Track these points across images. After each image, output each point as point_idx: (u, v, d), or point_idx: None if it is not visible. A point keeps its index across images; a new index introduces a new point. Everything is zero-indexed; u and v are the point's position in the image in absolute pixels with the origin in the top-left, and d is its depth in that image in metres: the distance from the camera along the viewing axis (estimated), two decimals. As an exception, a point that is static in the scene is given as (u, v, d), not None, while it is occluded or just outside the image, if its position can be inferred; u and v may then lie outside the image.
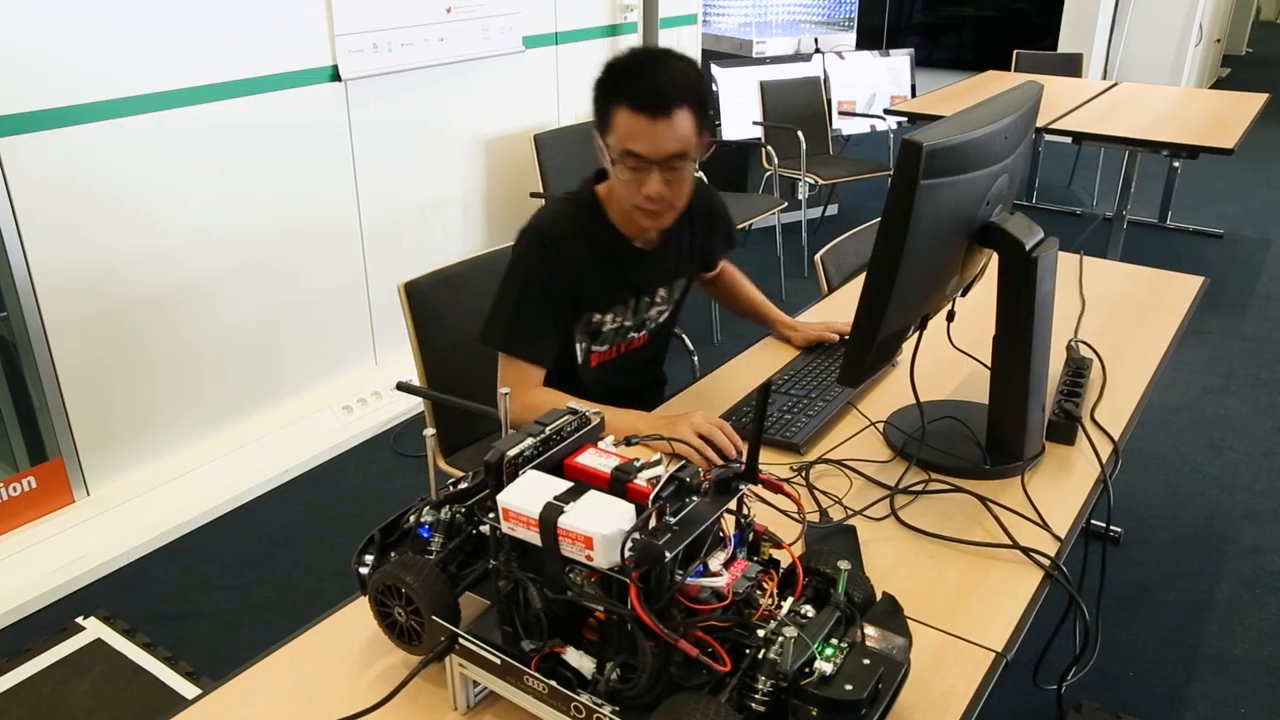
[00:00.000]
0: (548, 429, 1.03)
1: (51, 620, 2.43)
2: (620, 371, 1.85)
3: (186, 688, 2.16)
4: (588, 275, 1.68)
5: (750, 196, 4.60)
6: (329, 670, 1.10)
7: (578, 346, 1.76)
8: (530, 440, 1.01)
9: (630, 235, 1.71)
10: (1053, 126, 4.10)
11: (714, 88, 4.93)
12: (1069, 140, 4.21)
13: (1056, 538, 1.28)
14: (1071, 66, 5.68)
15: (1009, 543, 1.27)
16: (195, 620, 2.44)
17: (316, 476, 3.06)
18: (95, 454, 2.76)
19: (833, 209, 5.55)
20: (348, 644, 1.13)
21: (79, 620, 2.40)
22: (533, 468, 0.99)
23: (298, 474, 3.03)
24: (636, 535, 0.86)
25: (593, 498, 0.92)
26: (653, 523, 0.89)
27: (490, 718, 1.03)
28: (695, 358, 2.46)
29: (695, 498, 0.93)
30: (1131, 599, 2.49)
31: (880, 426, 1.57)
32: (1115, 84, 5.02)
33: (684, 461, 0.95)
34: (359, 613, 1.18)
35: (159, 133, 2.71)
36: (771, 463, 1.47)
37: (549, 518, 0.90)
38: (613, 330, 1.78)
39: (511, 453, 0.99)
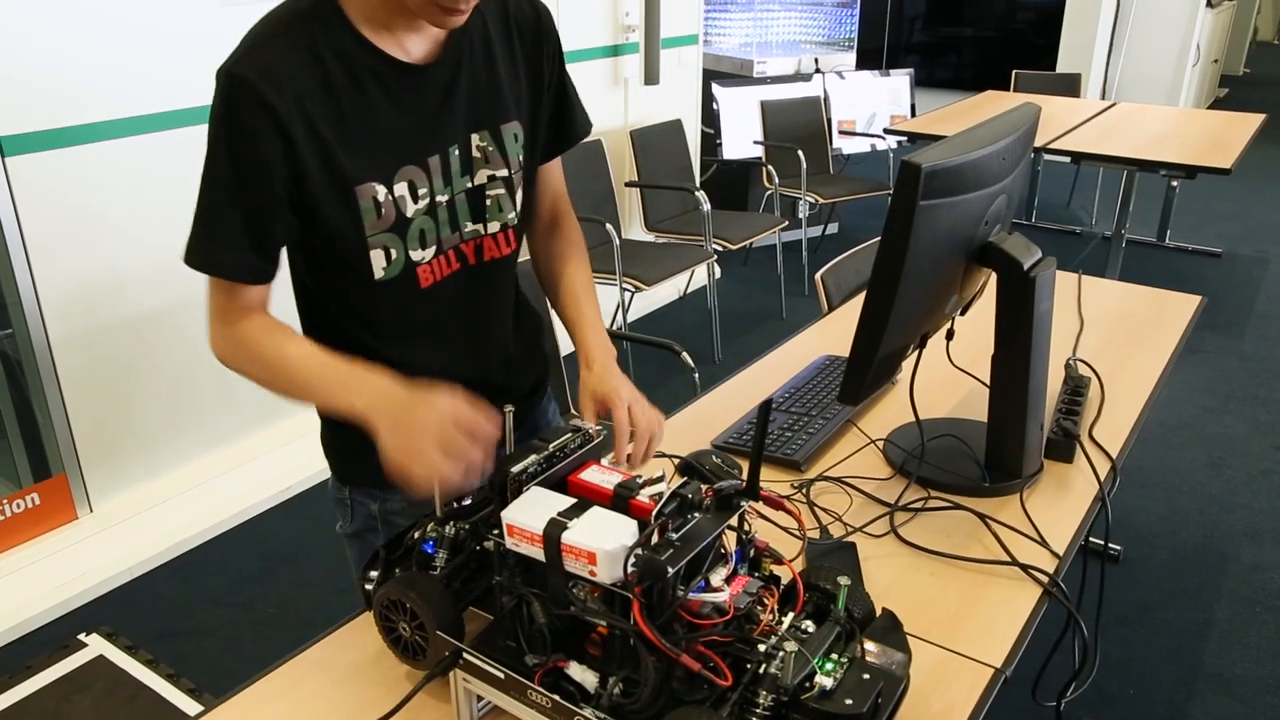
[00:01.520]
0: (551, 446, 1.05)
1: (54, 637, 2.43)
2: (468, 310, 1.26)
3: (189, 704, 2.16)
4: (335, 124, 1.08)
5: (751, 215, 4.63)
6: (333, 686, 1.10)
7: (379, 255, 1.15)
8: (534, 457, 1.02)
9: (388, 43, 1.12)
10: (1051, 146, 4.12)
11: (715, 107, 4.96)
12: (1068, 160, 4.23)
13: (1055, 555, 1.29)
14: (1070, 86, 5.72)
15: (1008, 560, 1.28)
16: (198, 636, 2.45)
17: (319, 492, 3.07)
18: (98, 470, 2.77)
19: (833, 228, 5.58)
20: (351, 660, 1.14)
21: (81, 637, 2.40)
22: (536, 484, 1.01)
23: (300, 490, 3.04)
24: (639, 551, 0.88)
25: (596, 514, 0.94)
26: (655, 539, 0.90)
27: (493, 732, 1.04)
28: (697, 375, 2.48)
29: (697, 514, 0.94)
30: (1131, 617, 2.50)
31: (880, 444, 1.58)
32: (1113, 104, 5.05)
33: (686, 479, 0.96)
34: (362, 629, 1.19)
35: (164, 151, 2.73)
36: (772, 480, 1.48)
37: (552, 534, 0.91)
38: (424, 210, 1.17)
39: (515, 469, 1.00)
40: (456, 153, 1.19)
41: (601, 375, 1.27)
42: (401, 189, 1.14)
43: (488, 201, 1.23)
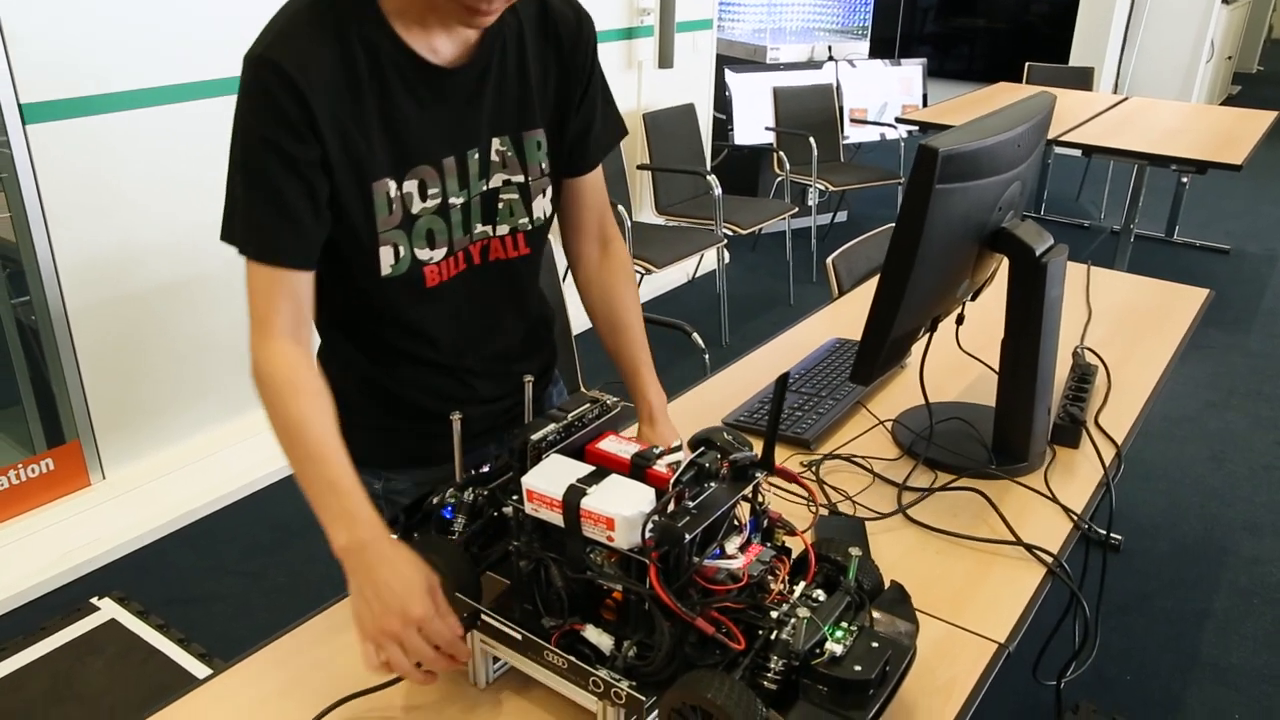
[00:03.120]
0: (570, 416, 1.07)
1: (67, 600, 2.47)
2: (471, 307, 1.25)
3: (199, 668, 2.19)
4: (357, 117, 1.08)
5: (761, 201, 4.65)
6: (342, 652, 1.12)
7: (388, 251, 1.14)
8: (553, 426, 1.05)
9: (419, 39, 1.10)
10: (1063, 139, 4.13)
11: (727, 94, 4.97)
12: (1078, 153, 4.24)
13: (1073, 519, 1.32)
14: (1083, 80, 5.72)
15: (1013, 540, 1.31)
16: (208, 603, 2.48)
17: (328, 466, 3.10)
18: (112, 438, 2.80)
19: (842, 216, 5.58)
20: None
21: (94, 601, 2.44)
22: (555, 452, 1.03)
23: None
24: (657, 517, 0.90)
25: (614, 481, 0.96)
26: (672, 506, 0.92)
27: (508, 693, 1.06)
28: (707, 356, 2.50)
29: (713, 483, 0.96)
30: (1131, 605, 2.52)
31: (889, 425, 1.60)
32: (1126, 98, 5.05)
33: (703, 449, 0.98)
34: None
35: (183, 123, 2.75)
36: (782, 458, 1.51)
37: (572, 500, 0.94)
38: (435, 210, 1.16)
39: (535, 437, 1.03)
40: (476, 156, 1.17)
41: (659, 431, 1.31)
42: (410, 186, 1.13)
43: (499, 205, 1.22)
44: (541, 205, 1.25)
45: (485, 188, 1.19)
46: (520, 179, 1.21)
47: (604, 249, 1.37)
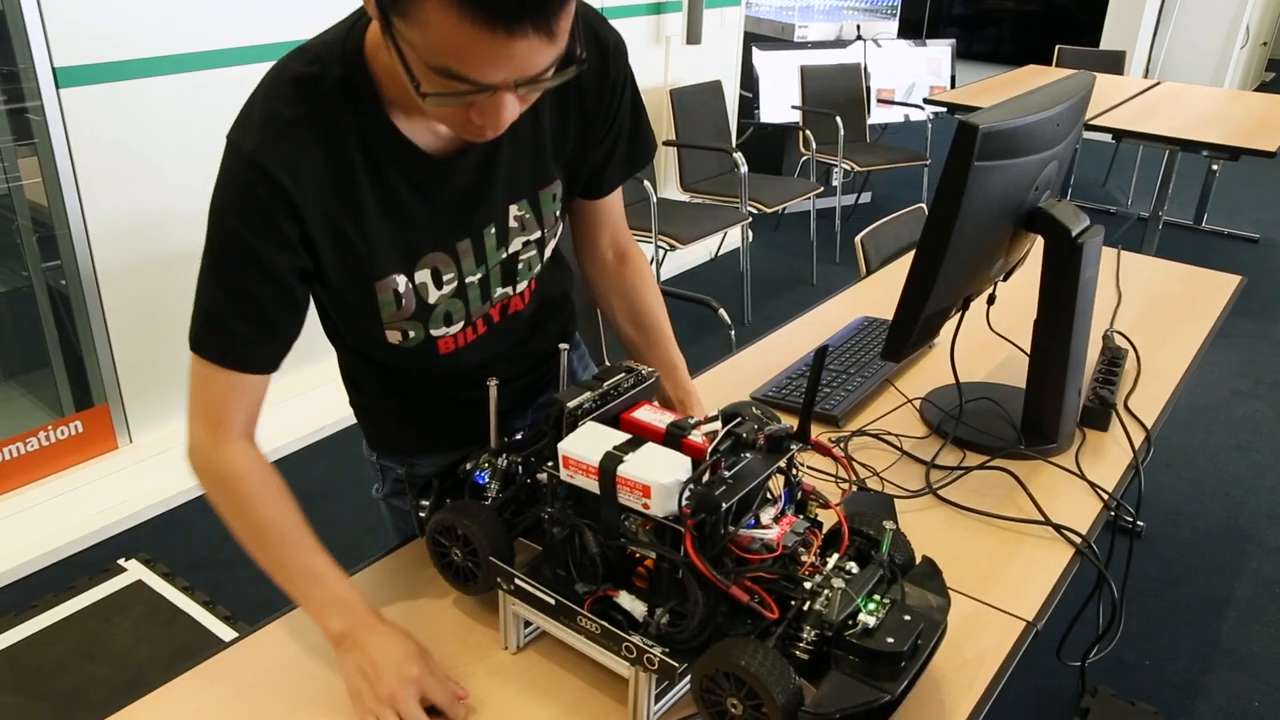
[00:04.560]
0: (605, 385, 1.08)
1: (94, 561, 2.50)
2: (486, 348, 1.23)
3: (224, 631, 2.22)
4: (354, 217, 1.02)
5: (786, 180, 4.62)
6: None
7: (396, 333, 1.12)
8: (588, 394, 1.05)
9: (419, 128, 1.02)
10: (1093, 123, 4.09)
11: (754, 71, 4.94)
12: (1108, 138, 4.20)
13: (1101, 496, 1.32)
14: (1113, 64, 5.65)
15: (1041, 519, 1.31)
16: (233, 567, 2.51)
17: (350, 434, 3.11)
18: (139, 402, 2.83)
19: (866, 197, 5.55)
20: (384, 595, 1.17)
21: (120, 562, 2.47)
22: (591, 420, 1.04)
23: (333, 431, 3.09)
24: (693, 485, 0.90)
25: (651, 449, 0.96)
26: (708, 475, 0.93)
27: (539, 658, 1.07)
28: (733, 332, 2.50)
29: (749, 454, 0.97)
30: (1152, 591, 2.52)
31: (917, 404, 1.60)
32: (1157, 83, 4.99)
33: (740, 418, 0.99)
34: (393, 567, 1.22)
35: (216, 89, 2.76)
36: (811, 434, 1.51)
37: (608, 466, 0.94)
38: (452, 293, 1.13)
39: (571, 405, 1.03)
40: (493, 230, 1.12)
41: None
42: (423, 276, 1.09)
43: (519, 266, 1.18)
44: (551, 245, 1.22)
45: (505, 254, 1.15)
46: (537, 235, 1.18)
47: (621, 257, 1.33)
